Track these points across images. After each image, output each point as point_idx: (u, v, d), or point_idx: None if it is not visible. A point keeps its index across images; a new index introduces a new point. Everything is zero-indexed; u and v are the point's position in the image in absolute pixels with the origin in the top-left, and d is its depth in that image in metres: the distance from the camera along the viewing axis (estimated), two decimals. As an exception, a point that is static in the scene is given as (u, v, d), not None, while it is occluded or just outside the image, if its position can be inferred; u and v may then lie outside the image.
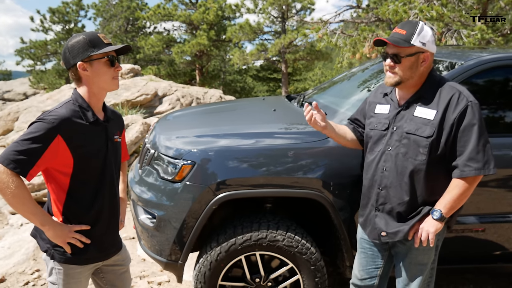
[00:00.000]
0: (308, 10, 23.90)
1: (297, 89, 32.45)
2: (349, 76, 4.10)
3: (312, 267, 2.77)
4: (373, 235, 2.35)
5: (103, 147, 1.97)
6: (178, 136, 2.97)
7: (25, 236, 4.58)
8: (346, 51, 11.06)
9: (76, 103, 1.90)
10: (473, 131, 2.05)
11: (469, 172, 2.07)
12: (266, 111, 3.69)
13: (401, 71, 2.15)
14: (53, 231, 1.86)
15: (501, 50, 3.17)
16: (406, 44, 2.10)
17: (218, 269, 2.76)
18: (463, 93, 2.11)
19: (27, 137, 1.75)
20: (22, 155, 1.73)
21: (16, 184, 1.73)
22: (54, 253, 1.94)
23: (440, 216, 2.12)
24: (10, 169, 1.72)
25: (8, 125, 8.48)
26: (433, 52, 2.18)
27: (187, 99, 9.59)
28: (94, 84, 1.91)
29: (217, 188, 2.68)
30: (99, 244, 2.01)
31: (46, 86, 23.50)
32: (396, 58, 2.15)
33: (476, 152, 2.05)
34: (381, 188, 2.27)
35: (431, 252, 2.28)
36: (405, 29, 2.14)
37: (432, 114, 2.12)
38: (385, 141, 2.27)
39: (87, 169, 1.91)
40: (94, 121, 1.93)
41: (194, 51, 23.19)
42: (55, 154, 1.80)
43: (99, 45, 1.87)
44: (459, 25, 8.68)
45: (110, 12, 28.05)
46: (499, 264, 3.03)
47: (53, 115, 1.81)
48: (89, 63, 1.86)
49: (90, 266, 2.04)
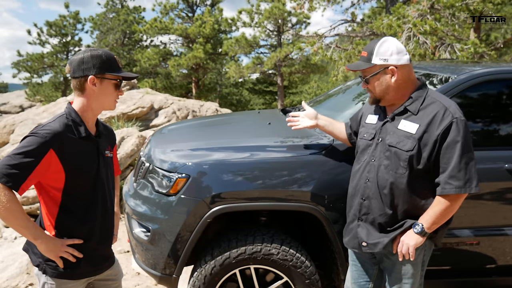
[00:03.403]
0: (303, 24, 24.07)
1: (293, 102, 32.56)
2: (344, 89, 4.13)
3: (307, 281, 2.76)
4: (353, 244, 2.35)
5: (95, 162, 1.98)
6: (173, 150, 2.97)
7: (19, 250, 4.54)
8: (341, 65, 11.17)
9: (69, 117, 1.91)
10: (456, 148, 2.04)
11: (450, 190, 2.06)
12: (261, 125, 3.70)
13: (373, 90, 2.22)
14: (45, 245, 1.85)
15: (494, 64, 3.21)
16: (366, 66, 2.17)
17: (213, 283, 2.74)
18: (449, 109, 2.09)
19: (20, 151, 1.76)
20: (14, 169, 1.73)
21: (8, 198, 1.73)
22: (46, 268, 1.92)
23: (421, 230, 2.11)
24: (2, 183, 1.72)
25: (4, 137, 8.46)
26: (401, 64, 2.15)
27: (183, 112, 9.60)
28: (96, 100, 1.94)
29: (212, 202, 2.68)
30: (91, 259, 2.00)
31: (42, 98, 23.52)
32: (365, 80, 2.23)
33: (457, 170, 2.04)
34: (364, 198, 2.28)
35: (417, 267, 2.26)
36: (367, 51, 2.20)
37: (415, 128, 2.12)
38: (370, 151, 2.28)
39: (79, 183, 1.91)
40: (86, 136, 1.93)
41: (190, 64, 23.29)
42: (47, 168, 1.80)
43: (114, 67, 1.94)
44: (452, 39, 8.79)
45: (107, 25, 28.18)
46: (493, 278, 3.02)
47: (46, 129, 1.82)
48: (100, 80, 1.91)
49: (83, 281, 2.02)
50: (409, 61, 2.18)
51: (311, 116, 2.71)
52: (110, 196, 2.10)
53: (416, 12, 9.09)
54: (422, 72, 3.24)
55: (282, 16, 22.51)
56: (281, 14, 22.26)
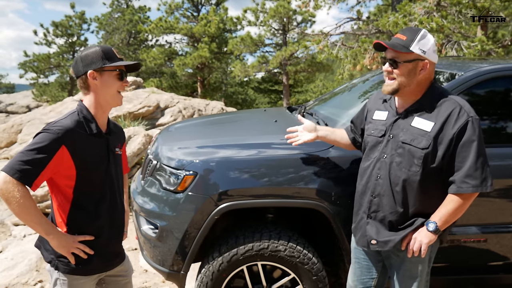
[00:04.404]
0: (309, 23, 24.06)
1: (298, 101, 32.53)
2: (350, 87, 4.13)
3: (314, 277, 2.77)
4: (362, 242, 2.34)
5: (105, 159, 2.00)
6: (180, 147, 2.99)
7: (28, 247, 4.59)
8: (346, 63, 11.15)
9: (81, 114, 1.94)
10: (472, 147, 2.02)
11: (467, 189, 2.04)
12: (268, 122, 3.71)
13: (398, 77, 2.13)
14: (57, 241, 1.88)
15: (502, 61, 3.20)
16: (404, 50, 2.08)
17: (220, 279, 2.76)
18: (464, 107, 2.07)
19: (32, 148, 1.78)
20: (27, 165, 1.76)
21: (21, 194, 1.76)
22: (58, 264, 1.95)
23: (435, 229, 2.10)
24: (16, 178, 1.75)
25: (12, 137, 8.53)
26: (434, 62, 2.14)
27: (189, 111, 9.64)
28: (100, 95, 1.96)
29: (219, 199, 2.70)
30: (102, 255, 2.02)
31: (49, 98, 23.64)
32: (394, 63, 2.13)
33: (474, 169, 2.03)
34: (374, 195, 2.26)
35: (425, 264, 2.25)
36: (406, 35, 2.12)
37: (430, 126, 2.09)
38: (381, 148, 2.26)
39: (90, 180, 1.94)
40: (97, 133, 1.96)
41: (195, 63, 23.33)
42: (59, 165, 1.83)
43: (112, 58, 1.95)
44: (459, 36, 8.75)
45: (112, 25, 28.29)
46: (500, 275, 3.02)
47: (58, 126, 1.84)
48: (100, 73, 1.93)
49: (94, 277, 2.05)
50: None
51: (310, 128, 2.66)
52: (119, 193, 2.13)
53: (422, 9, 9.05)
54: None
55: (287, 14, 22.51)
56: (286, 13, 22.26)
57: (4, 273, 4.09)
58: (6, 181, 1.75)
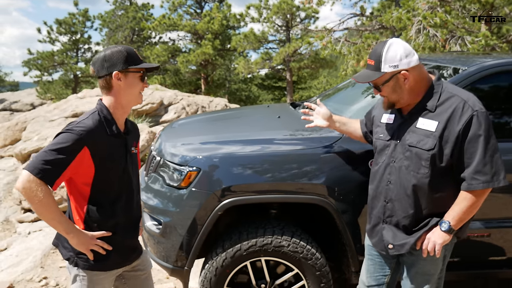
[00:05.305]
0: (312, 19, 23.98)
1: (302, 97, 32.47)
2: (353, 83, 4.12)
3: (318, 273, 2.78)
4: (380, 247, 2.32)
5: (123, 159, 2.04)
6: (184, 143, 3.00)
7: (33, 244, 4.62)
8: (350, 59, 11.12)
9: (101, 114, 1.96)
10: (479, 142, 1.98)
11: (477, 186, 2.00)
12: (271, 118, 3.71)
13: (387, 96, 2.15)
14: (77, 239, 1.91)
15: (506, 56, 3.18)
16: (376, 76, 2.08)
17: (224, 275, 2.77)
18: (468, 102, 2.02)
19: (55, 147, 1.81)
20: (50, 165, 1.78)
21: (44, 193, 1.79)
22: (78, 261, 1.98)
23: (449, 228, 2.07)
24: (39, 178, 1.77)
25: (16, 135, 8.57)
26: (413, 65, 2.07)
27: (193, 107, 9.64)
28: (123, 95, 1.98)
29: (223, 194, 2.70)
30: (120, 250, 2.05)
31: (53, 96, 23.71)
32: (376, 87, 2.16)
33: (483, 165, 1.99)
34: (387, 201, 2.23)
35: (439, 263, 2.23)
36: (373, 59, 2.11)
37: (434, 125, 2.05)
38: (389, 152, 2.23)
39: (107, 179, 1.97)
40: (117, 133, 1.99)
41: (199, 60, 23.33)
42: (79, 165, 1.86)
43: (136, 60, 1.99)
44: (463, 31, 8.70)
45: (116, 22, 28.32)
46: (504, 270, 3.01)
47: (80, 126, 1.87)
48: (125, 74, 1.95)
49: (113, 272, 2.08)
50: (418, 60, 2.10)
51: (325, 116, 2.66)
52: (136, 189, 2.16)
53: (426, 4, 9.01)
54: (433, 65, 3.22)
55: (291, 11, 22.46)
56: (290, 9, 22.20)
57: (9, 270, 4.11)
58: (29, 180, 1.77)
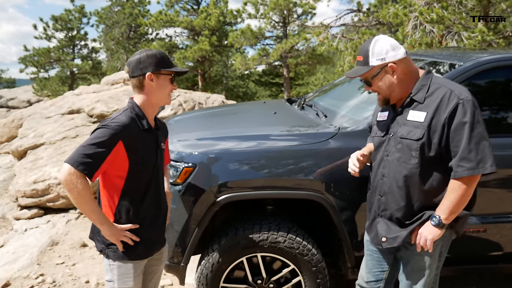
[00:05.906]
0: (309, 15, 23.94)
1: (299, 94, 32.46)
2: (349, 79, 4.12)
3: (314, 269, 2.78)
4: (376, 241, 2.34)
5: (154, 153, 2.15)
6: (180, 140, 2.99)
7: (29, 241, 4.61)
8: (347, 55, 11.10)
9: (133, 111, 2.08)
10: (464, 129, 2.00)
11: (462, 173, 2.01)
12: (267, 114, 3.70)
13: (379, 91, 2.21)
14: (109, 230, 2.03)
15: (502, 51, 3.18)
16: (365, 70, 2.16)
17: (220, 271, 2.77)
18: (454, 91, 2.06)
19: (93, 142, 1.93)
20: (89, 158, 1.91)
21: (83, 185, 1.91)
22: (108, 252, 2.12)
23: (439, 222, 2.07)
24: (80, 170, 1.90)
25: (12, 131, 8.53)
26: (400, 58, 2.13)
27: (190, 104, 9.62)
28: (154, 95, 2.11)
29: (219, 191, 2.70)
30: (147, 242, 2.17)
31: (49, 93, 23.64)
32: (367, 83, 2.22)
33: (468, 151, 2.00)
34: (381, 194, 2.27)
35: (434, 258, 2.24)
36: (361, 55, 2.20)
37: (423, 116, 2.09)
38: (384, 147, 2.27)
39: (139, 172, 2.09)
40: (148, 128, 2.09)
41: (196, 56, 23.28)
42: (115, 158, 1.98)
43: (168, 63, 2.12)
44: (459, 27, 8.70)
45: (112, 19, 28.23)
46: (500, 265, 3.02)
47: (116, 122, 1.99)
48: (157, 76, 2.08)
49: (142, 263, 2.19)
50: (405, 53, 2.16)
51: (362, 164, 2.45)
52: (163, 183, 2.29)
53: (422, 0, 9.00)
54: (429, 60, 3.22)
55: (288, 7, 22.41)
56: (287, 5, 22.15)
57: (5, 267, 4.11)
58: (70, 172, 1.89)
